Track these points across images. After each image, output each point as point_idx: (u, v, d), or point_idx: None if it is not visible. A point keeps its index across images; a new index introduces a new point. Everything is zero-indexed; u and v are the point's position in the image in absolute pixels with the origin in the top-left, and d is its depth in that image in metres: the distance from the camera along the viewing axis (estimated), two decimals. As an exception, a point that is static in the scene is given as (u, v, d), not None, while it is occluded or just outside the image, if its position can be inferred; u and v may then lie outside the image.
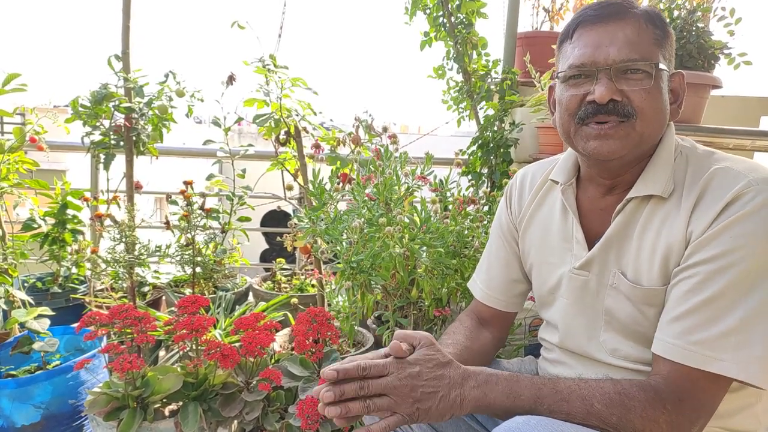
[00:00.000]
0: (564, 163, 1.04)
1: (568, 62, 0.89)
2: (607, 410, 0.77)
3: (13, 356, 1.67)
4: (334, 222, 1.58)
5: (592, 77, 0.86)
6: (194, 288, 2.15)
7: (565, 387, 0.81)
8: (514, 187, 1.17)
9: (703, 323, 0.77)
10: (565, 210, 1.01)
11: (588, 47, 0.86)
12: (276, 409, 1.41)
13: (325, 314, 1.46)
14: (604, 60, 0.85)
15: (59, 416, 1.57)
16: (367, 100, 29.05)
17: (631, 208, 0.90)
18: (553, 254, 1.03)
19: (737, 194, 0.78)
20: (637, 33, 0.85)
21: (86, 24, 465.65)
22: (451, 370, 0.82)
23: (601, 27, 0.86)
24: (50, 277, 2.25)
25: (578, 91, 0.88)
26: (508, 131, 2.18)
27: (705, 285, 0.78)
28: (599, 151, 0.86)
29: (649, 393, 0.78)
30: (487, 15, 2.27)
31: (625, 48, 0.84)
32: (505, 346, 1.61)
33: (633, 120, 0.84)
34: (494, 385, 0.82)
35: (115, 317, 1.38)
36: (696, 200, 0.82)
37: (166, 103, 2.13)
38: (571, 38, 0.90)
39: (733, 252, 0.77)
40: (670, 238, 0.84)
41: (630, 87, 0.84)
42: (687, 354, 0.77)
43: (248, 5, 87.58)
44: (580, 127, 0.89)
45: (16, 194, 2.04)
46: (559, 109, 0.93)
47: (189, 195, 2.11)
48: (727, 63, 1.66)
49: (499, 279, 1.15)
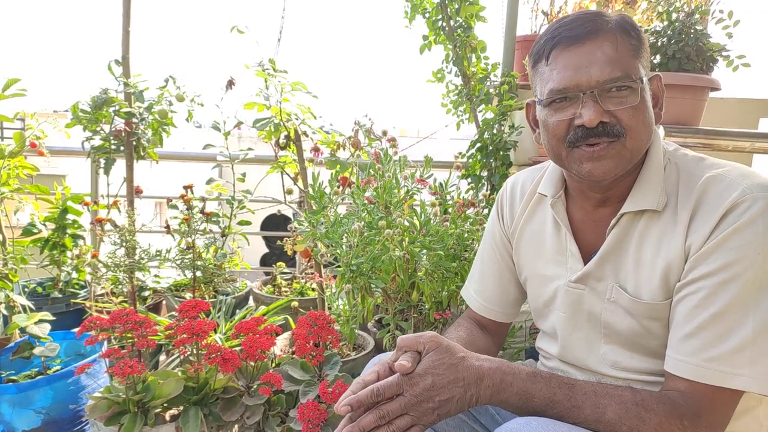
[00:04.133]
0: (550, 175, 1.02)
1: (549, 86, 0.86)
2: (619, 420, 0.76)
3: (13, 361, 1.67)
4: (334, 225, 1.58)
5: (576, 100, 0.84)
6: (195, 292, 2.15)
7: (582, 393, 0.79)
8: (504, 197, 1.14)
9: (715, 339, 0.77)
10: (557, 223, 1.00)
11: (568, 69, 0.83)
12: (277, 413, 1.41)
13: (326, 318, 1.46)
14: (586, 82, 0.82)
15: (60, 421, 1.57)
16: (366, 104, 28.34)
17: (625, 222, 0.89)
18: (548, 267, 1.02)
19: (733, 204, 0.78)
20: (616, 48, 0.83)
21: (86, 29, 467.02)
22: (464, 370, 0.80)
23: (578, 47, 0.83)
24: (51, 282, 2.25)
25: (564, 116, 0.85)
26: (507, 134, 2.19)
27: (711, 300, 0.77)
28: (594, 173, 0.85)
29: (668, 407, 0.77)
30: (486, 18, 2.27)
31: (607, 67, 0.81)
32: (506, 349, 1.61)
33: (623, 138, 0.83)
34: (509, 385, 0.80)
35: (115, 322, 1.38)
36: (692, 212, 0.82)
37: (166, 107, 2.14)
38: (547, 60, 0.87)
39: (735, 264, 0.76)
40: (669, 252, 0.83)
41: (617, 106, 0.82)
42: (703, 372, 0.77)
43: (248, 10, 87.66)
44: (571, 151, 0.86)
45: (16, 199, 2.05)
46: (545, 133, 0.90)
47: (189, 199, 2.12)
48: (726, 65, 1.66)
49: (494, 291, 1.14)
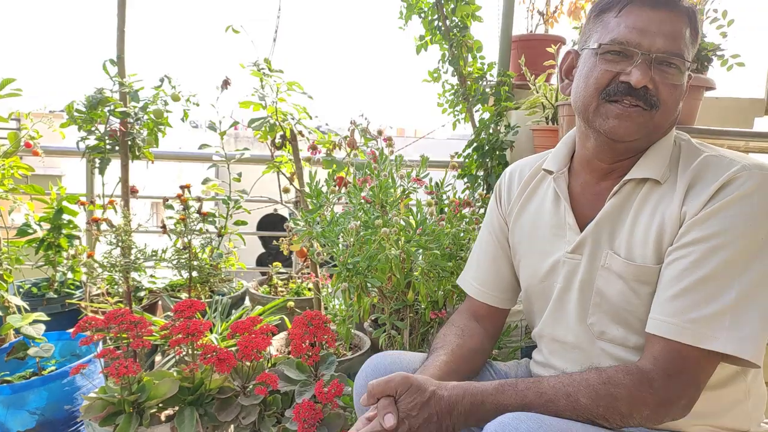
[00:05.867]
0: (557, 152, 1.05)
1: (611, 36, 0.88)
2: (593, 403, 0.79)
3: (8, 362, 1.66)
4: (330, 224, 1.58)
5: (630, 59, 0.86)
6: (190, 292, 2.15)
7: (550, 387, 0.82)
8: (503, 182, 1.18)
9: (698, 302, 0.79)
10: (557, 198, 1.02)
11: (636, 28, 0.85)
12: (273, 414, 1.41)
13: (322, 318, 1.46)
14: (648, 46, 0.85)
15: (54, 422, 1.56)
16: (363, 104, 28.13)
17: (626, 190, 0.92)
18: (545, 242, 1.03)
19: (731, 177, 0.81)
20: (682, 28, 0.86)
21: (81, 29, 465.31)
22: (435, 405, 0.84)
23: (653, 12, 0.86)
24: (46, 282, 2.24)
25: (613, 68, 0.87)
26: (503, 134, 2.19)
27: (700, 264, 0.80)
28: (616, 130, 0.87)
29: (635, 375, 0.80)
30: (482, 18, 2.27)
31: (671, 40, 0.85)
32: (501, 348, 1.61)
33: (655, 110, 0.86)
34: (479, 405, 0.83)
35: (110, 322, 1.37)
36: (690, 182, 0.85)
37: (162, 107, 2.13)
38: (618, 12, 0.88)
39: (727, 232, 0.79)
40: (664, 217, 0.86)
41: (661, 78, 0.86)
42: (682, 331, 0.79)
43: (243, 9, 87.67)
44: (603, 103, 0.89)
45: (11, 199, 2.04)
46: (583, 81, 0.91)
47: (185, 199, 2.11)
48: (720, 65, 1.67)
49: (489, 274, 1.16)
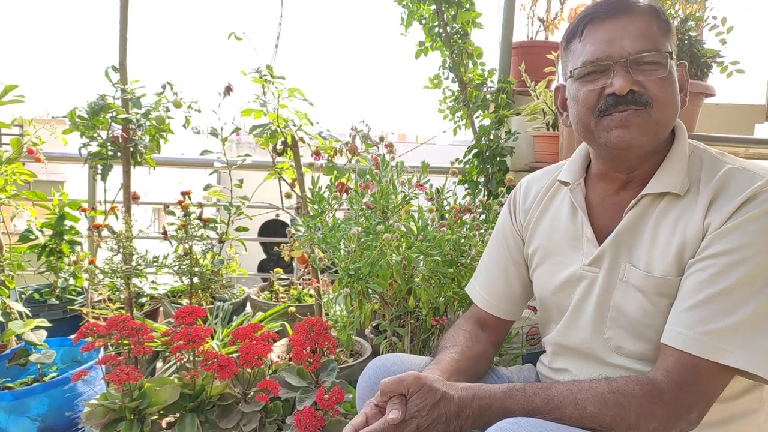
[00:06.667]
0: (572, 164, 1.05)
1: (582, 59, 0.90)
2: (600, 412, 0.79)
3: (9, 368, 1.66)
4: (332, 230, 1.58)
5: (607, 71, 0.87)
6: (191, 298, 2.15)
7: (558, 394, 0.82)
8: (518, 194, 1.16)
9: (715, 315, 0.78)
10: (573, 210, 1.01)
11: (601, 43, 0.88)
12: (273, 420, 1.41)
13: (323, 324, 1.46)
14: (619, 53, 0.86)
15: (56, 428, 1.56)
16: (364, 110, 28.30)
17: (644, 203, 0.91)
18: (562, 254, 1.02)
19: (755, 192, 0.81)
20: (647, 25, 0.87)
21: (84, 35, 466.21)
22: (444, 406, 0.84)
23: (611, 22, 0.88)
24: (47, 288, 2.24)
25: (595, 86, 0.89)
26: (504, 140, 2.20)
27: (719, 277, 0.79)
28: (623, 138, 0.87)
29: (645, 386, 0.79)
30: (483, 25, 2.28)
31: (639, 40, 0.86)
32: (502, 355, 1.61)
33: (650, 108, 0.86)
34: (487, 408, 0.84)
35: (112, 328, 1.37)
36: (713, 196, 0.84)
37: (164, 113, 2.14)
38: (580, 36, 0.91)
39: (748, 247, 0.78)
40: (686, 230, 0.85)
41: (646, 77, 0.86)
42: (695, 343, 0.78)
43: (245, 16, 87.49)
44: (600, 119, 0.89)
45: (13, 205, 2.04)
46: (574, 107, 0.93)
47: (187, 205, 2.12)
48: (720, 71, 1.67)
49: (497, 286, 1.15)
